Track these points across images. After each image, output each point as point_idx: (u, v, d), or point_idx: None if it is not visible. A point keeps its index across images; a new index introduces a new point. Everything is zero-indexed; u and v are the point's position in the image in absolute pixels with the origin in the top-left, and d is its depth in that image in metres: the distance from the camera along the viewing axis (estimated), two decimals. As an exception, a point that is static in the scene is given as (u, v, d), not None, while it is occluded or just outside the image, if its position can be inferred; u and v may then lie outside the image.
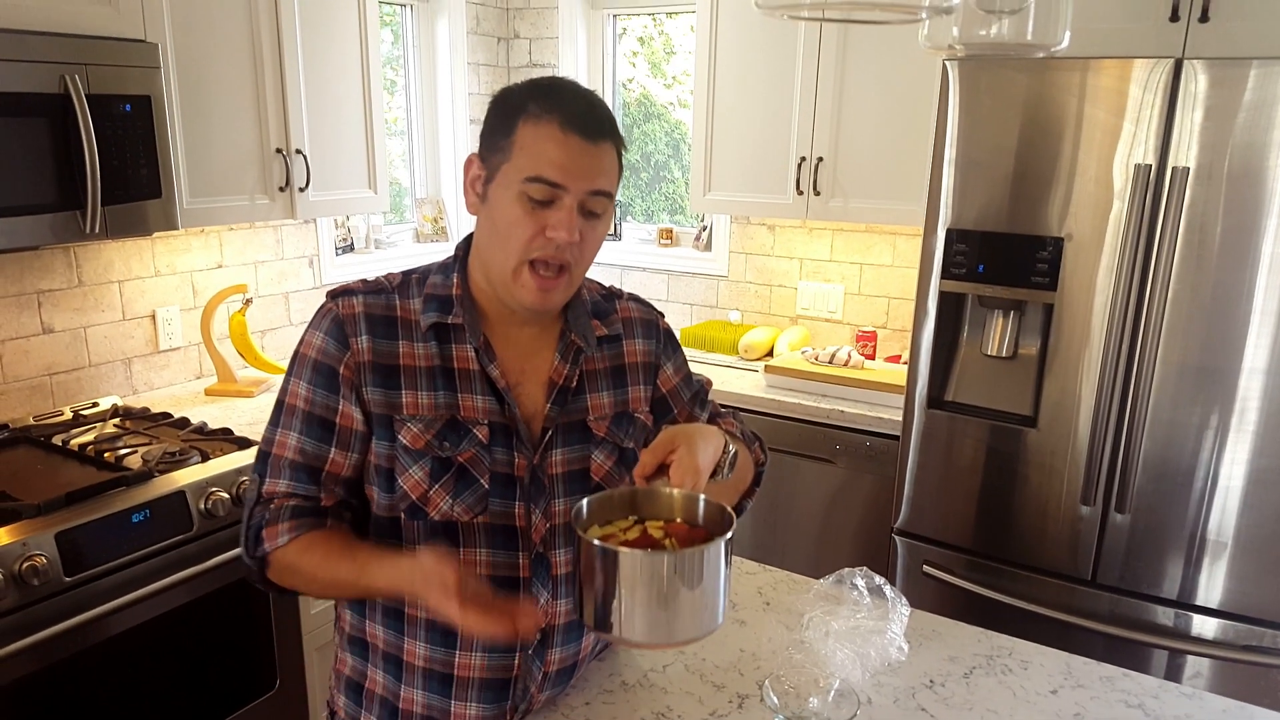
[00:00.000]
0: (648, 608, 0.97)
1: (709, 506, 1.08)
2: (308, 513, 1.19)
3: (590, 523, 1.07)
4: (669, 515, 1.10)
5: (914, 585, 2.56)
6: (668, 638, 1.01)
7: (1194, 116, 2.04)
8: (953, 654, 1.47)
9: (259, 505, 1.21)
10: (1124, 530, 2.26)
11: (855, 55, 2.87)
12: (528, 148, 1.14)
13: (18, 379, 2.43)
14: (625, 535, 1.05)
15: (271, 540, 1.18)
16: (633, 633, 0.99)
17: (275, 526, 1.18)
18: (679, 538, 1.04)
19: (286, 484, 1.20)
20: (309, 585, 1.20)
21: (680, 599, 0.97)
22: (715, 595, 1.00)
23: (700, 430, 1.17)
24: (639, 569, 0.97)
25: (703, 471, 1.10)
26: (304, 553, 1.17)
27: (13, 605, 1.76)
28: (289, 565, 1.18)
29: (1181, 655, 2.24)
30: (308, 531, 1.18)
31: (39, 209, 1.99)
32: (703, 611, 0.99)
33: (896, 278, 3.28)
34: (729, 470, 1.23)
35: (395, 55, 3.68)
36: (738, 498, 1.40)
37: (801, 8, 0.97)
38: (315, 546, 1.17)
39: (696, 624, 1.00)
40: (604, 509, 1.09)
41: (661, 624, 0.98)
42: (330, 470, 1.21)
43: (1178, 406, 2.15)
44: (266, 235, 3.04)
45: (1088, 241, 2.20)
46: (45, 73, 1.96)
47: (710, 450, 1.15)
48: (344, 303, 1.22)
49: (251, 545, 1.20)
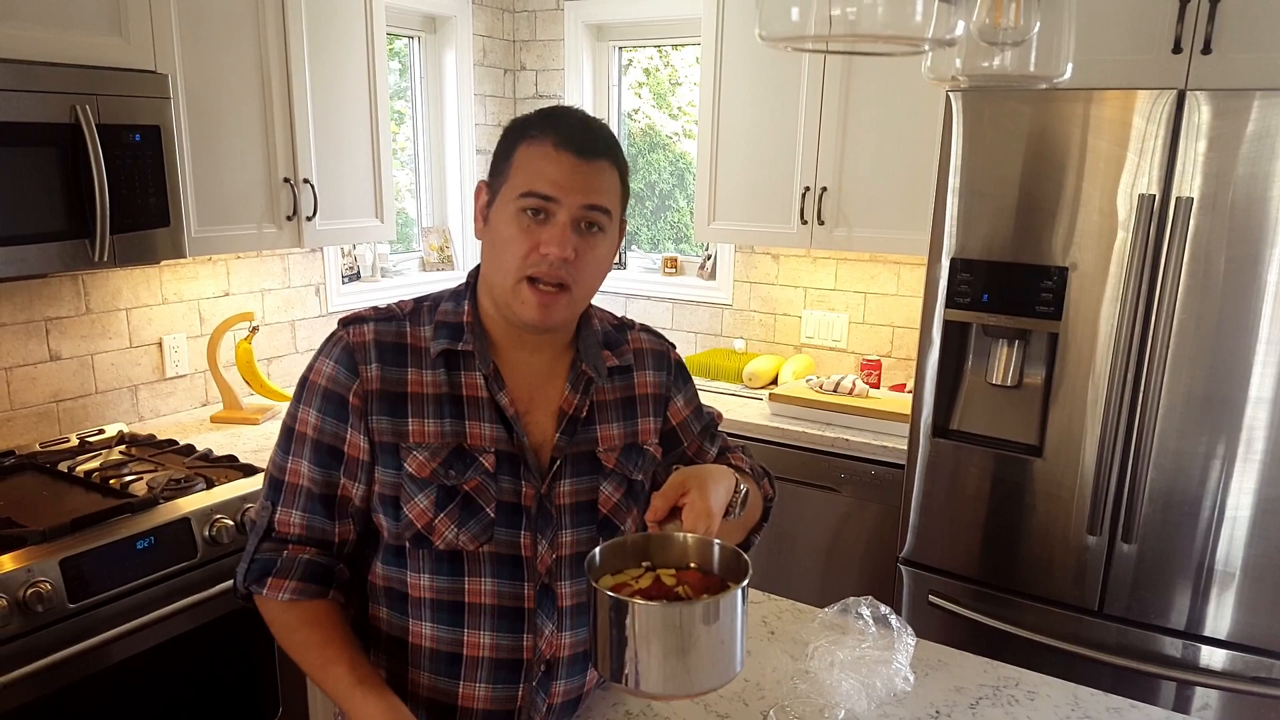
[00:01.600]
0: (664, 659, 0.95)
1: (723, 552, 1.07)
2: (318, 576, 1.21)
3: (603, 571, 1.05)
4: (682, 561, 1.08)
5: (920, 615, 2.54)
6: (686, 689, 0.98)
7: (1197, 147, 2.05)
8: (959, 684, 1.46)
9: (268, 541, 1.22)
10: (1131, 560, 2.25)
11: (859, 85, 2.89)
12: (523, 166, 1.16)
13: (25, 405, 2.43)
14: (638, 584, 1.03)
15: (274, 590, 1.20)
16: (649, 684, 0.96)
17: (283, 581, 1.20)
18: (693, 585, 1.02)
19: (300, 516, 1.21)
20: (291, 651, 1.23)
21: (698, 650, 0.95)
22: (732, 644, 0.98)
23: (712, 472, 1.16)
24: (654, 621, 0.95)
25: (716, 515, 1.10)
26: (301, 628, 1.20)
27: (17, 632, 1.75)
28: (281, 626, 1.22)
29: (1190, 686, 2.22)
30: (310, 599, 1.21)
31: (48, 237, 2.01)
32: (720, 661, 0.97)
33: (901, 306, 3.29)
34: (740, 509, 1.22)
35: (403, 86, 3.72)
36: (745, 534, 1.39)
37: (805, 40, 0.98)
38: (316, 626, 1.20)
39: (714, 674, 0.98)
40: (617, 556, 1.07)
41: (679, 675, 0.96)
42: (342, 495, 1.21)
43: (1184, 436, 2.15)
44: (274, 263, 3.05)
45: (1092, 271, 2.20)
46: (56, 103, 1.99)
47: (722, 491, 1.15)
48: (355, 330, 1.23)
49: (252, 578, 1.21)
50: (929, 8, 0.93)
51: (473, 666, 1.22)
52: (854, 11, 0.92)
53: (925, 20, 0.94)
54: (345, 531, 1.23)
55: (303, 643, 1.20)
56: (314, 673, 1.21)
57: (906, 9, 0.93)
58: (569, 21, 3.79)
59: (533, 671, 1.24)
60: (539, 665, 1.24)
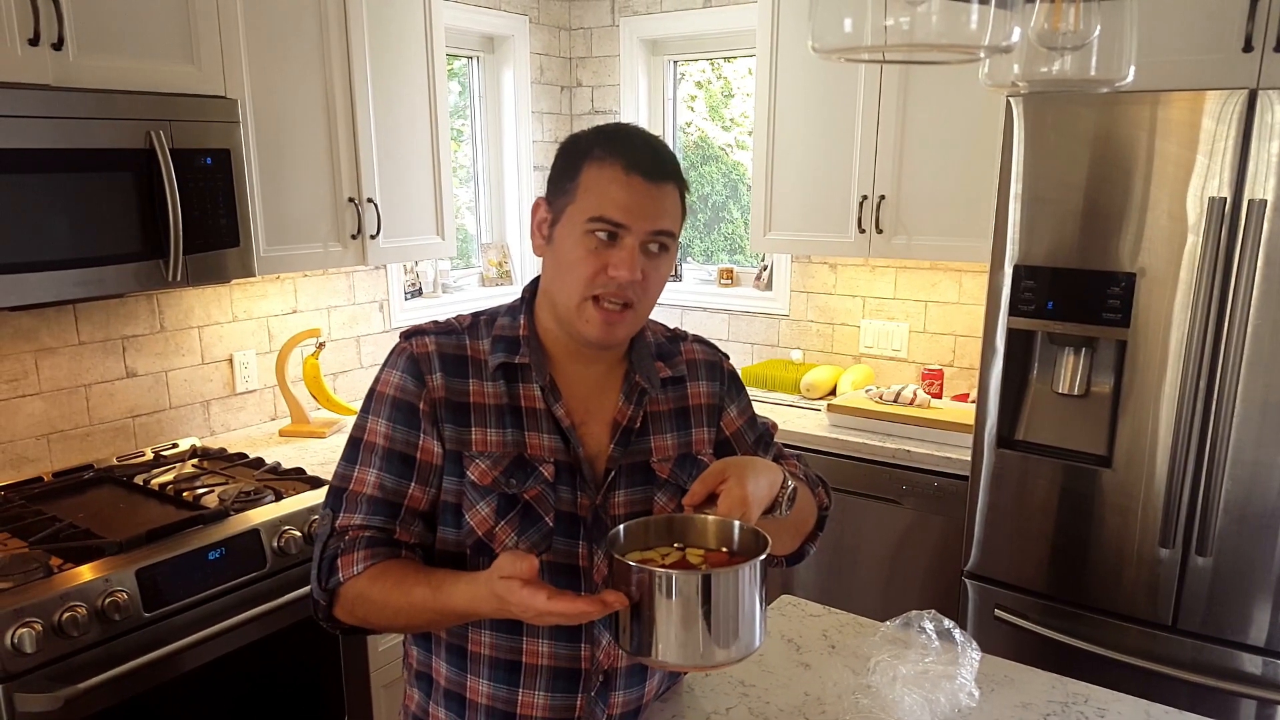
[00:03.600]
0: (682, 629, 0.98)
1: (744, 533, 1.09)
2: (382, 543, 1.20)
3: (628, 548, 1.08)
4: (706, 543, 1.11)
5: (985, 630, 2.49)
6: (704, 660, 1.01)
7: (1271, 148, 1.99)
8: (1026, 700, 1.42)
9: (333, 538, 1.22)
10: (1206, 574, 2.18)
11: (917, 92, 2.86)
12: (592, 189, 1.17)
13: (103, 421, 2.52)
14: (664, 561, 1.07)
15: (347, 569, 1.18)
16: (668, 654, 0.99)
17: (351, 555, 1.19)
18: (716, 566, 1.05)
19: (362, 517, 1.21)
20: (379, 613, 1.18)
21: (715, 620, 0.98)
22: (751, 618, 1.01)
23: (753, 463, 1.17)
24: (672, 589, 0.98)
25: (752, 503, 1.10)
26: (376, 580, 1.17)
27: (95, 640, 1.81)
28: (360, 594, 1.18)
29: (1271, 706, 2.14)
30: (383, 560, 1.19)
31: (125, 258, 2.08)
32: (738, 633, 1.00)
33: (963, 315, 3.24)
34: (787, 507, 1.22)
35: (462, 105, 3.78)
36: (800, 541, 1.39)
37: (859, 51, 0.98)
38: (389, 573, 1.17)
39: (732, 646, 1.00)
40: (641, 535, 1.11)
41: (696, 646, 0.99)
42: (409, 505, 1.22)
43: (1261, 445, 2.08)
44: (339, 281, 3.13)
45: (1161, 276, 2.15)
46: (132, 129, 2.06)
47: (764, 483, 1.15)
48: (417, 342, 1.25)
49: (325, 575, 1.20)
50: (985, 15, 0.92)
51: (531, 675, 1.23)
52: (908, 21, 0.92)
53: (981, 28, 0.93)
54: (404, 535, 1.23)
55: (383, 598, 1.16)
56: (407, 614, 1.16)
57: (962, 17, 0.93)
58: (624, 37, 3.82)
59: (591, 682, 1.25)
60: (597, 675, 1.25)
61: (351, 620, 1.22)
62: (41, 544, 1.94)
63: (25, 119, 1.88)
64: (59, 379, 2.42)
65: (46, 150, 1.92)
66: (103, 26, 2.04)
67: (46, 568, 1.84)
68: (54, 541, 1.96)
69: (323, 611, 1.23)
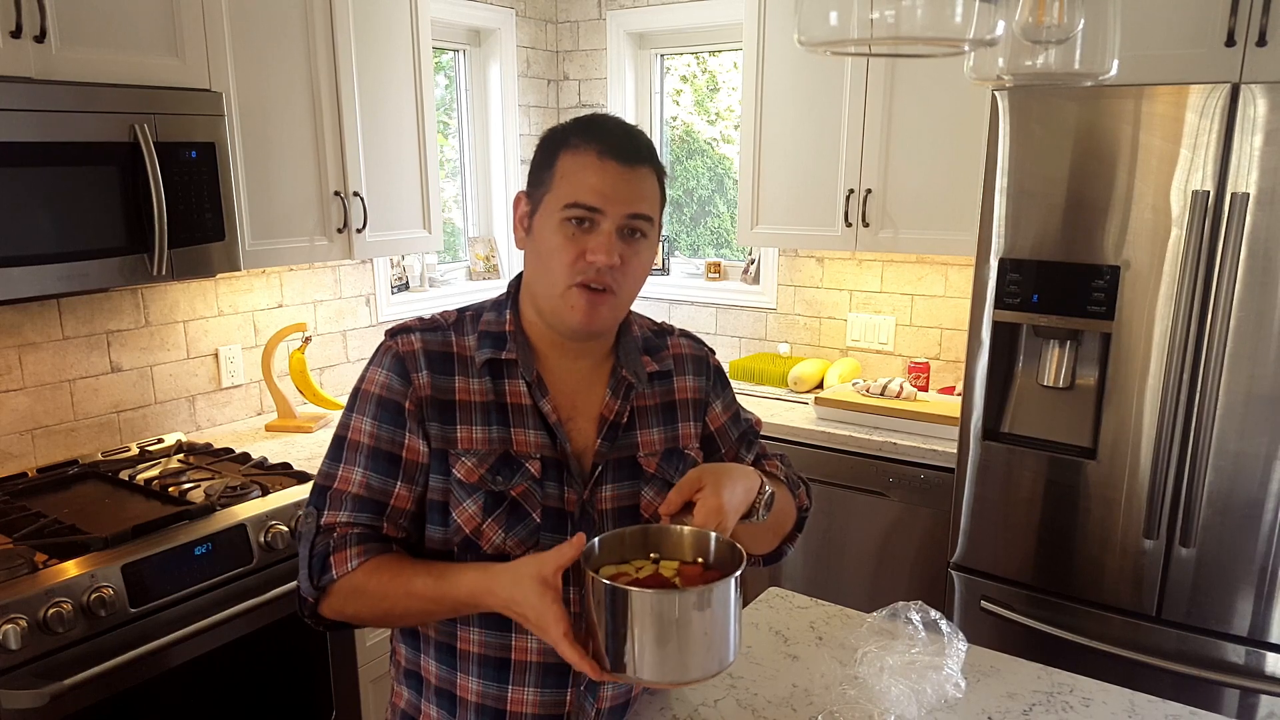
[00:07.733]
0: (657, 646, 0.98)
1: (720, 545, 1.08)
2: (373, 538, 1.20)
3: (602, 560, 1.07)
4: (681, 554, 1.10)
5: (972, 621, 2.50)
6: (679, 676, 1.01)
7: (1253, 141, 2.01)
8: (1011, 691, 1.44)
9: (320, 535, 1.21)
10: (1190, 564, 2.20)
11: (903, 86, 2.87)
12: (567, 176, 1.17)
13: (87, 416, 2.51)
14: (638, 575, 1.06)
15: (341, 565, 1.17)
16: (643, 671, 0.99)
17: (344, 551, 1.18)
18: (689, 579, 1.04)
19: (348, 515, 1.21)
20: (375, 606, 1.18)
21: (690, 637, 0.98)
22: (725, 633, 1.01)
23: (730, 470, 1.17)
24: (644, 607, 0.97)
25: (727, 511, 1.10)
26: (373, 574, 1.16)
27: (81, 636, 1.81)
28: (356, 588, 1.17)
29: (1255, 694, 2.16)
30: (376, 555, 1.18)
31: (109, 252, 2.07)
32: (712, 650, 1.00)
33: (949, 308, 3.25)
34: (764, 512, 1.22)
35: (449, 99, 3.77)
36: (777, 541, 1.39)
37: (845, 44, 0.98)
38: (385, 567, 1.17)
39: (706, 662, 1.00)
40: (617, 547, 1.10)
41: (672, 662, 0.99)
42: (395, 505, 1.22)
43: (1244, 437, 2.10)
44: (325, 275, 3.11)
45: (1145, 269, 2.16)
46: (116, 123, 2.05)
47: (740, 490, 1.15)
48: (403, 340, 1.25)
49: (316, 573, 1.19)
50: (969, 8, 0.93)
51: (521, 671, 1.23)
52: (893, 14, 0.92)
53: (966, 21, 0.93)
54: (392, 530, 1.23)
55: (380, 590, 1.16)
56: (404, 604, 1.16)
57: (946, 10, 0.93)
58: (611, 31, 3.81)
59: (580, 676, 1.25)
60: (586, 670, 1.25)
61: (338, 616, 1.22)
62: (26, 540, 1.93)
63: (7, 112, 1.86)
64: (43, 374, 2.40)
65: (29, 144, 1.91)
66: (86, 19, 2.03)
67: (31, 564, 1.83)
68: (39, 537, 1.95)
69: (309, 608, 1.23)
